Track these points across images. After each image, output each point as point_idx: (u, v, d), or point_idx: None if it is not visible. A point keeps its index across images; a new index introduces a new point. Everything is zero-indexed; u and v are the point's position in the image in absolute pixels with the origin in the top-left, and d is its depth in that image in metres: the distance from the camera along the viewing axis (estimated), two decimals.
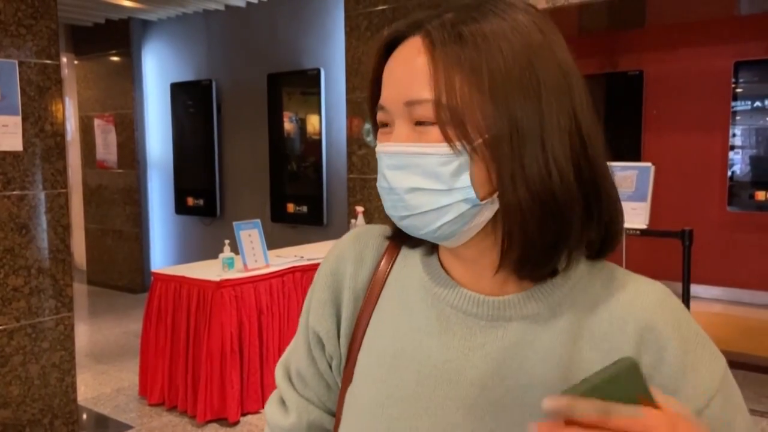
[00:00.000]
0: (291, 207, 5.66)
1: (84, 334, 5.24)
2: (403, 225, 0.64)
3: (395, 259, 0.73)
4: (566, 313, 0.65)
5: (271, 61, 5.76)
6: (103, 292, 6.77)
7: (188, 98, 6.42)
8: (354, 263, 0.74)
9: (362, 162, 4.38)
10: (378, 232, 0.76)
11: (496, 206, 0.61)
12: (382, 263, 0.73)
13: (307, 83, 5.53)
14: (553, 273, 0.65)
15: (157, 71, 6.68)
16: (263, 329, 3.57)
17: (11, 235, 2.92)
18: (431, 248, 0.72)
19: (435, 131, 0.60)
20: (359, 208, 4.21)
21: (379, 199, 0.67)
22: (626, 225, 4.54)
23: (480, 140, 0.59)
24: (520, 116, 0.59)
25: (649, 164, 4.14)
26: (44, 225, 3.04)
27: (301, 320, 0.78)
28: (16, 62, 2.91)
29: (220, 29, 6.17)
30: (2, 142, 2.87)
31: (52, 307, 3.08)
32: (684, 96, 5.91)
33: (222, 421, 3.40)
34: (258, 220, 3.81)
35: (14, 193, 2.93)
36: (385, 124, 0.65)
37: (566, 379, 0.62)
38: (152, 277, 3.69)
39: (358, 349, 0.71)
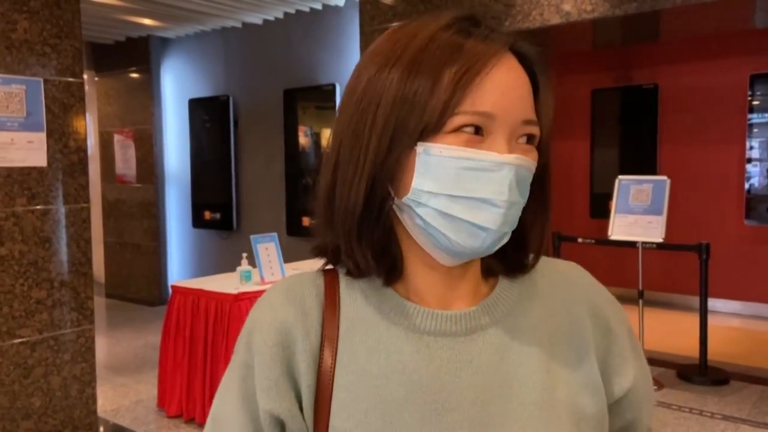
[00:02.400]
0: (307, 221, 5.71)
1: (103, 346, 5.29)
2: (494, 240, 0.62)
3: (339, 301, 0.67)
4: (529, 307, 0.70)
5: (287, 76, 5.84)
6: (121, 305, 6.84)
7: (206, 114, 6.52)
8: (301, 323, 0.65)
9: None
10: (307, 279, 0.69)
11: None
12: (327, 310, 0.66)
13: (323, 98, 5.60)
14: (519, 269, 0.71)
15: (176, 87, 6.79)
16: None
17: (35, 248, 2.99)
18: (387, 280, 0.67)
19: (535, 151, 0.64)
20: None
21: None
22: (642, 238, 4.55)
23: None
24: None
25: (664, 178, 4.13)
26: (67, 239, 3.10)
27: (235, 400, 0.66)
28: (42, 80, 2.99)
29: (237, 46, 6.27)
30: (28, 158, 2.94)
31: (74, 320, 3.14)
32: (700, 109, 5.90)
33: None
34: (275, 234, 3.85)
35: (38, 207, 3.00)
36: (477, 132, 0.60)
37: (547, 369, 0.67)
38: (171, 290, 3.74)
39: (328, 413, 0.63)
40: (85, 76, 3.16)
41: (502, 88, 0.61)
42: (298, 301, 0.67)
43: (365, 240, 0.64)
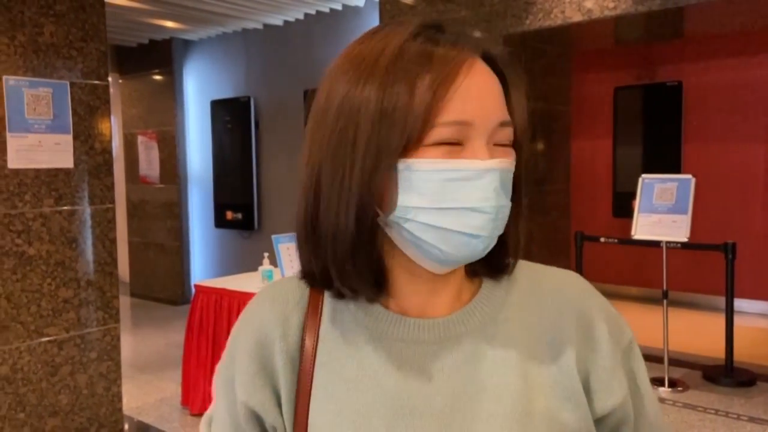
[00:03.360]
0: None
1: (127, 345, 5.35)
2: (485, 245, 0.62)
3: (321, 308, 0.69)
4: (509, 316, 0.68)
5: (307, 77, 5.87)
6: (145, 303, 6.93)
7: (227, 115, 6.58)
8: (280, 325, 0.68)
9: None
10: (293, 285, 0.71)
11: None
12: (309, 316, 0.69)
13: None
14: (502, 269, 0.70)
15: (198, 89, 6.86)
16: None
17: (62, 248, 3.04)
18: (370, 294, 0.67)
19: (510, 152, 0.64)
20: None
21: None
22: (667, 238, 4.48)
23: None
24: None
25: (689, 176, 4.08)
26: (92, 239, 3.15)
27: (219, 389, 0.71)
28: (68, 83, 3.05)
29: (258, 47, 6.32)
30: (55, 160, 3.00)
31: (100, 319, 3.19)
32: (725, 106, 5.81)
33: None
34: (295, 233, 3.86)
35: (65, 208, 3.05)
36: (456, 142, 0.60)
37: (525, 379, 0.65)
38: (194, 289, 3.78)
39: (307, 412, 0.66)
40: (110, 79, 3.21)
41: (476, 94, 0.61)
42: (280, 304, 0.70)
43: (359, 262, 0.63)
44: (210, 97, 6.70)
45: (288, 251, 3.80)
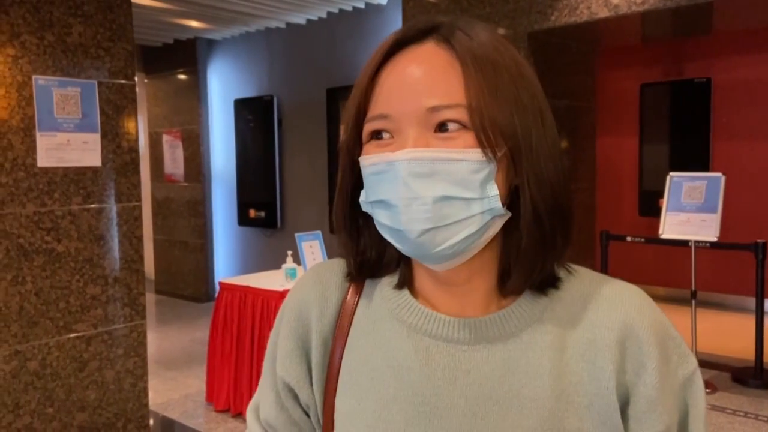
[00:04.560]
0: None
1: (153, 341, 5.41)
2: (419, 241, 0.58)
3: (360, 294, 0.70)
4: (549, 326, 0.64)
5: (330, 76, 5.88)
6: (170, 301, 7.00)
7: (250, 113, 6.61)
8: (318, 305, 0.70)
9: None
10: (339, 267, 0.72)
11: (505, 218, 0.61)
12: (347, 300, 0.70)
13: None
14: (543, 284, 0.64)
15: (222, 88, 6.91)
16: None
17: (90, 245, 3.08)
18: (400, 281, 0.68)
19: (464, 137, 0.58)
20: None
21: None
22: (696, 237, 4.40)
23: (505, 148, 0.59)
24: (536, 126, 0.60)
25: (719, 174, 4.00)
26: (119, 236, 3.19)
27: (266, 365, 0.74)
28: (96, 83, 3.09)
29: (281, 46, 6.34)
30: (83, 159, 3.04)
31: (127, 315, 3.23)
32: (755, 103, 5.69)
33: None
34: (319, 232, 3.87)
35: (93, 206, 3.09)
36: (381, 134, 0.61)
37: (558, 395, 0.61)
38: (218, 287, 3.81)
39: (334, 395, 0.67)
40: (136, 78, 3.24)
41: (391, 83, 0.60)
42: (322, 284, 0.71)
43: (350, 239, 0.68)
44: (233, 96, 6.75)
45: (311, 249, 3.81)
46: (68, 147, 2.98)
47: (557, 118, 0.63)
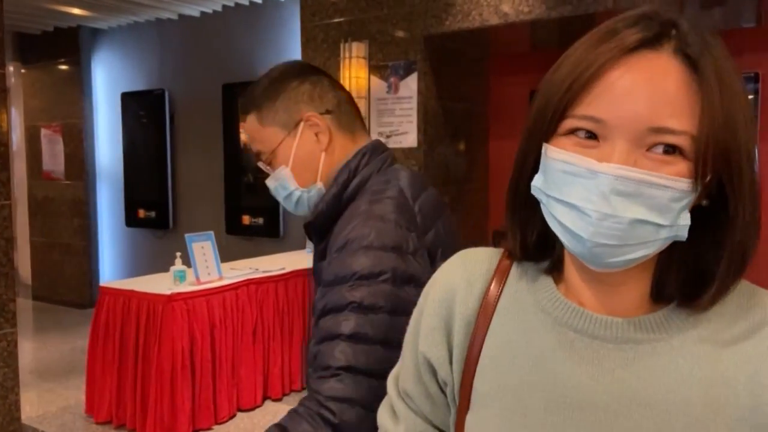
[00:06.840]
0: (247, 219, 5.59)
1: (28, 351, 5.05)
2: (596, 251, 0.58)
3: (505, 282, 0.71)
4: (703, 334, 0.62)
5: (226, 71, 5.71)
6: (50, 307, 6.55)
7: (140, 108, 6.30)
8: (463, 289, 0.72)
9: None
10: (485, 254, 0.74)
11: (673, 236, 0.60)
12: (492, 287, 0.71)
13: None
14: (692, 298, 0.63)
15: (108, 80, 6.54)
16: (216, 343, 3.50)
17: None
18: (549, 268, 0.69)
19: (679, 165, 0.56)
20: None
21: None
22: None
23: (709, 175, 0.57)
24: (751, 148, 0.58)
25: None
26: None
27: (408, 339, 0.77)
28: None
29: (174, 39, 6.09)
30: None
31: None
32: None
33: None
34: (211, 232, 3.75)
35: None
36: (591, 136, 0.59)
37: (707, 404, 0.60)
38: (99, 291, 3.59)
39: (473, 376, 0.69)
40: (10, 68, 2.98)
41: (619, 91, 0.57)
42: (469, 270, 0.73)
43: (517, 218, 0.69)
44: (121, 89, 6.41)
45: (202, 250, 3.67)
46: None
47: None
